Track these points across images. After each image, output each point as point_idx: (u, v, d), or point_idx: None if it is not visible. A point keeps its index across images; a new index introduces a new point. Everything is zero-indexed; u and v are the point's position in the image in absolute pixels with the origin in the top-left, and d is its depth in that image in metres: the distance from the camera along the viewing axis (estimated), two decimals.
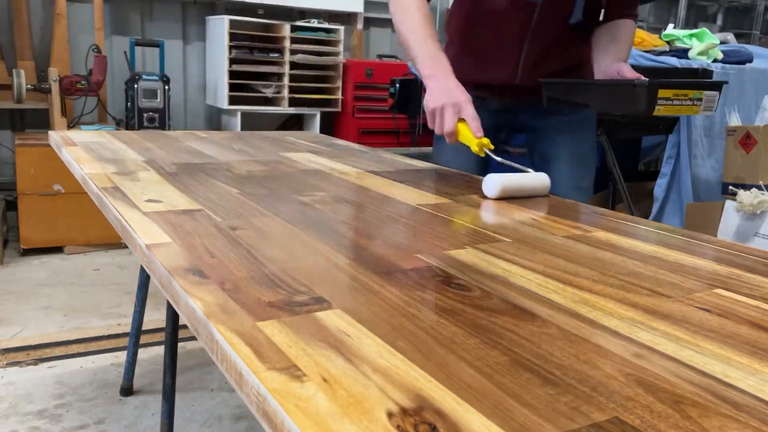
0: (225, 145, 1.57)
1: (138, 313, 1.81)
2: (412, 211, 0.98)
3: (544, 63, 1.49)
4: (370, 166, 1.37)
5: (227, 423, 1.75)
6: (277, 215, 0.91)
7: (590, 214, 1.04)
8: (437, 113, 1.27)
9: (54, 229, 3.03)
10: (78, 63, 3.53)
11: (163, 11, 3.85)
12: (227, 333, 0.52)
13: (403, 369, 0.48)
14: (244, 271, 0.67)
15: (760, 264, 0.80)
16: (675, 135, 2.42)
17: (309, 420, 0.40)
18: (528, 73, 1.49)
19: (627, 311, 0.62)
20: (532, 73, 1.48)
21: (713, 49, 2.51)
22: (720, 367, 0.51)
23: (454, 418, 0.41)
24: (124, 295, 2.58)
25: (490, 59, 1.53)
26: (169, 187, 1.06)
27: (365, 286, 0.65)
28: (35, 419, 1.72)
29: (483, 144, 1.23)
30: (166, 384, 1.38)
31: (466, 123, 1.25)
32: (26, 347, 2.10)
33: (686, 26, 5.29)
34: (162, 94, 3.41)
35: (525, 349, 0.53)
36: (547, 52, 1.49)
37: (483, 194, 1.14)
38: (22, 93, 3.12)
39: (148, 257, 0.72)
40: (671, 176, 2.44)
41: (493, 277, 0.70)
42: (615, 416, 0.43)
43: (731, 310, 0.63)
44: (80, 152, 1.34)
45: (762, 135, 2.23)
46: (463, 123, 1.25)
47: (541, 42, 1.47)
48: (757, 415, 0.44)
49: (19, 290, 2.60)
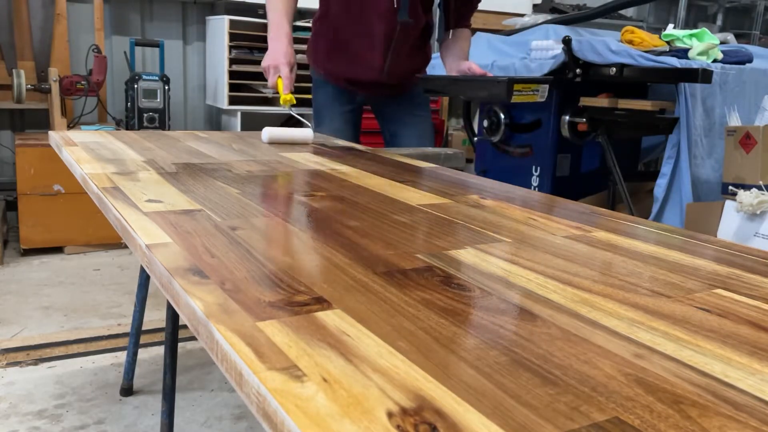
0: (225, 145, 1.57)
1: (138, 313, 1.81)
2: (412, 211, 0.98)
3: (401, 67, 1.96)
4: (370, 166, 1.37)
5: (227, 423, 1.75)
6: (277, 215, 0.91)
7: (590, 214, 1.04)
8: (265, 71, 1.76)
9: (54, 229, 3.03)
10: (78, 63, 3.53)
11: (163, 11, 3.85)
12: (227, 333, 0.52)
13: (403, 369, 0.48)
14: (244, 271, 0.67)
15: (760, 264, 0.80)
16: (675, 135, 2.41)
17: (309, 420, 0.40)
18: (390, 74, 1.96)
19: (627, 311, 0.62)
20: (392, 74, 1.96)
21: (713, 50, 2.51)
22: (720, 367, 0.51)
23: (454, 418, 0.41)
24: (124, 295, 2.58)
25: (359, 61, 1.95)
26: (169, 187, 1.06)
27: (365, 286, 0.65)
28: (35, 419, 1.72)
29: (286, 99, 1.67)
30: (166, 384, 1.38)
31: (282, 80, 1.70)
32: (26, 347, 2.10)
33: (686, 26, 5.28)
34: (162, 94, 3.41)
35: (525, 349, 0.52)
36: (404, 59, 1.95)
37: None
38: (22, 93, 3.12)
39: (148, 257, 0.72)
40: (671, 176, 2.44)
41: (493, 277, 0.70)
42: (615, 416, 0.43)
43: (731, 310, 0.63)
44: (80, 152, 1.34)
45: (762, 135, 2.23)
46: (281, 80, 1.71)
47: (399, 53, 1.93)
48: (757, 415, 0.44)
49: (19, 290, 2.60)
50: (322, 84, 2.07)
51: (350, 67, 1.97)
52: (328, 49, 1.99)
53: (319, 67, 2.05)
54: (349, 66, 1.97)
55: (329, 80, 2.04)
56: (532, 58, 2.87)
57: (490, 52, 3.11)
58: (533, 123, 2.99)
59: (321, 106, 2.08)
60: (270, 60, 1.73)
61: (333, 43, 1.97)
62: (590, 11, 3.45)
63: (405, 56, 1.95)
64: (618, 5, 3.30)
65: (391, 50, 1.92)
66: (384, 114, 2.11)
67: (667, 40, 2.62)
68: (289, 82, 1.69)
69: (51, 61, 3.44)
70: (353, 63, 1.96)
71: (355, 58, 1.95)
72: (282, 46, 1.73)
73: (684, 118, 2.39)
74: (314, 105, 2.11)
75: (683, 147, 2.40)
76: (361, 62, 1.95)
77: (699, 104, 2.43)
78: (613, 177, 2.62)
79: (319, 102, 2.09)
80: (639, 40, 2.59)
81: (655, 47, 2.56)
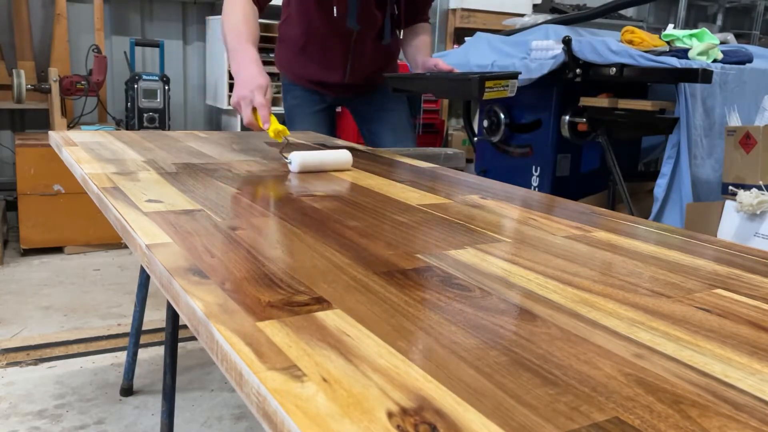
0: (225, 145, 1.57)
1: (138, 313, 1.81)
2: (412, 211, 0.98)
3: (364, 67, 1.95)
4: (370, 166, 1.37)
5: (227, 423, 1.75)
6: (277, 215, 0.91)
7: (590, 214, 1.04)
8: (238, 108, 1.41)
9: (54, 229, 3.03)
10: (78, 63, 3.53)
11: (163, 11, 3.85)
12: (227, 333, 0.52)
13: (403, 369, 0.48)
14: (244, 271, 0.67)
15: (760, 264, 0.80)
16: (675, 135, 2.42)
17: (309, 420, 0.40)
18: (353, 75, 1.96)
19: (627, 311, 0.62)
20: (355, 75, 1.96)
21: (713, 50, 2.51)
22: (720, 367, 0.51)
23: (454, 418, 0.41)
24: (124, 295, 2.58)
25: (323, 65, 1.95)
26: (169, 187, 1.06)
27: (365, 286, 0.65)
28: (35, 419, 1.72)
29: (278, 130, 1.34)
30: (166, 384, 1.38)
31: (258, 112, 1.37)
32: (26, 347, 2.10)
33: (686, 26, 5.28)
34: (162, 94, 3.41)
35: (525, 349, 0.52)
36: (365, 59, 1.94)
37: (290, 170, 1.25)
38: (22, 93, 3.12)
39: (148, 257, 0.72)
40: (671, 176, 2.44)
41: (493, 277, 0.70)
42: (615, 416, 0.43)
43: (731, 310, 0.63)
44: (80, 152, 1.34)
45: (762, 135, 2.23)
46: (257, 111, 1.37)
47: (360, 53, 1.92)
48: (757, 415, 0.44)
49: (19, 290, 2.60)
50: (290, 87, 2.06)
51: (315, 71, 1.97)
52: (293, 52, 1.98)
53: (286, 70, 2.05)
54: (315, 69, 1.97)
55: (297, 82, 2.03)
56: (532, 58, 2.87)
57: (490, 52, 3.11)
58: (533, 123, 2.99)
59: (291, 107, 2.07)
60: (241, 91, 1.40)
61: (297, 47, 1.97)
62: (590, 11, 3.45)
63: (367, 57, 1.95)
64: (618, 5, 3.30)
65: (351, 53, 1.92)
66: (359, 113, 2.12)
67: (667, 40, 2.62)
68: (267, 112, 1.36)
69: (51, 61, 3.44)
70: (318, 66, 1.96)
71: (319, 62, 1.95)
72: (251, 72, 1.43)
73: (684, 118, 2.39)
74: (285, 108, 2.09)
75: (683, 147, 2.40)
76: (324, 66, 1.96)
77: (699, 104, 2.43)
78: (613, 177, 2.62)
79: (289, 104, 2.07)
80: (639, 40, 2.59)
81: (655, 47, 2.56)
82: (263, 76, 1.43)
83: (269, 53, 3.28)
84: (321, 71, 1.97)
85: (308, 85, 2.02)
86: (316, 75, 1.99)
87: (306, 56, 1.96)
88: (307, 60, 1.97)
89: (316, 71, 1.98)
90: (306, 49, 1.95)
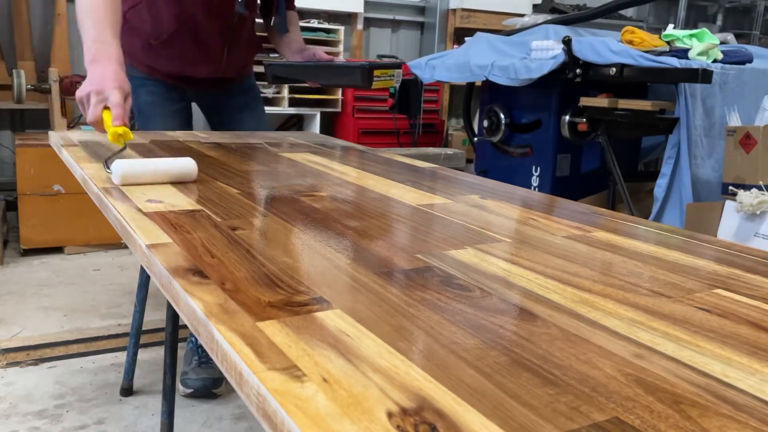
0: (225, 145, 1.57)
1: (138, 313, 1.81)
2: (412, 211, 0.98)
3: (239, 57, 1.88)
4: (370, 166, 1.37)
5: (227, 423, 1.75)
6: (277, 215, 0.91)
7: (590, 214, 1.04)
8: (84, 101, 1.26)
9: (54, 229, 3.03)
10: (78, 63, 3.52)
11: None
12: (227, 333, 0.52)
13: (403, 369, 0.48)
14: (244, 271, 0.67)
15: (760, 264, 0.80)
16: (675, 135, 2.42)
17: (309, 420, 0.40)
18: (228, 68, 1.87)
19: (627, 311, 0.62)
20: (230, 66, 1.87)
21: (713, 50, 2.51)
22: (720, 367, 0.51)
23: (454, 418, 0.41)
24: (124, 295, 2.58)
25: (191, 58, 1.80)
26: (169, 187, 1.06)
27: (365, 286, 0.65)
28: (35, 419, 1.72)
29: (118, 133, 1.19)
30: (166, 384, 1.38)
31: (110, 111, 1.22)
32: (26, 347, 2.10)
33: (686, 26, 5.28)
34: None
35: (525, 349, 0.52)
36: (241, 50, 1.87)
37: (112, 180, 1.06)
38: (22, 93, 3.12)
39: (148, 257, 0.72)
40: (671, 176, 2.44)
41: (493, 277, 0.70)
42: (615, 416, 0.43)
43: (731, 310, 0.63)
44: (80, 152, 1.34)
45: (762, 135, 2.23)
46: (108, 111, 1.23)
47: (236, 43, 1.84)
48: (757, 415, 0.44)
49: (19, 290, 2.60)
50: (143, 82, 1.82)
51: (180, 65, 1.80)
52: (147, 44, 1.77)
53: (139, 63, 1.81)
54: (179, 63, 1.80)
55: (153, 76, 1.83)
56: (532, 59, 2.87)
57: (490, 52, 3.11)
58: (533, 123, 2.99)
59: (146, 105, 1.85)
60: (91, 85, 1.25)
61: (155, 37, 1.75)
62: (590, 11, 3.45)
63: (242, 48, 1.87)
64: (618, 5, 3.30)
65: (227, 44, 1.81)
66: (214, 108, 1.99)
67: (667, 40, 2.62)
68: (123, 112, 1.23)
69: (51, 61, 3.44)
70: (184, 60, 1.79)
71: (186, 55, 1.79)
72: (110, 68, 1.28)
73: (684, 118, 2.39)
74: (137, 106, 1.85)
75: (683, 147, 2.40)
76: (194, 59, 1.80)
77: (699, 104, 2.43)
78: (613, 177, 2.62)
79: (142, 101, 1.84)
80: (639, 40, 2.59)
81: (655, 47, 2.56)
82: (126, 80, 1.29)
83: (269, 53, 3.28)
84: (189, 65, 1.81)
85: (166, 79, 1.84)
86: (182, 69, 1.81)
87: (167, 49, 1.77)
88: (168, 54, 1.78)
89: (183, 65, 1.80)
90: (172, 40, 1.75)
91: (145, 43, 1.77)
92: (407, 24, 4.75)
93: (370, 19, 4.55)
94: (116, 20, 1.39)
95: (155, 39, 1.76)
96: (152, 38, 1.76)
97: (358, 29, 4.40)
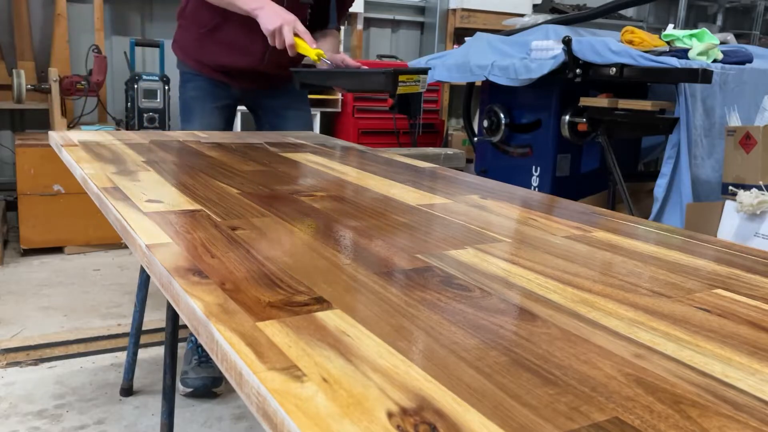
0: (225, 146, 1.57)
1: (138, 313, 1.81)
2: (412, 211, 0.98)
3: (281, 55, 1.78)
4: (370, 166, 1.37)
5: (227, 423, 1.75)
6: (277, 215, 0.91)
7: (590, 214, 1.04)
8: (276, 33, 1.59)
9: (54, 229, 3.03)
10: (78, 63, 3.52)
11: (163, 11, 3.85)
12: (227, 333, 0.52)
13: (403, 369, 0.48)
14: (244, 271, 0.67)
15: (760, 264, 0.80)
16: (675, 135, 2.41)
17: (309, 420, 0.40)
18: (270, 61, 1.87)
19: (627, 311, 0.62)
20: (272, 61, 1.87)
21: (713, 50, 2.51)
22: (720, 367, 0.51)
23: (454, 418, 0.41)
24: (124, 295, 2.58)
25: (237, 47, 1.85)
26: (169, 187, 1.06)
27: (365, 286, 0.65)
28: (35, 419, 1.72)
29: (319, 54, 1.60)
30: (166, 384, 1.38)
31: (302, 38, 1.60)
32: (26, 347, 2.10)
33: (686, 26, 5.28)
34: (162, 94, 3.41)
35: (525, 349, 0.52)
36: None
37: None
38: (22, 93, 3.12)
39: (148, 257, 0.72)
40: (671, 176, 2.44)
41: (493, 277, 0.70)
42: (615, 416, 0.43)
43: (731, 310, 0.63)
44: (80, 152, 1.34)
45: (762, 135, 2.23)
46: (299, 38, 1.60)
47: None
48: (757, 415, 0.44)
49: (19, 290, 2.60)
50: (192, 77, 1.94)
51: (226, 55, 1.87)
52: (198, 38, 1.88)
53: (189, 58, 1.94)
54: (225, 53, 1.87)
55: (201, 71, 1.92)
56: (532, 59, 2.87)
57: (490, 52, 3.11)
58: (533, 123, 2.99)
59: (191, 100, 1.94)
60: (279, 19, 1.58)
61: (204, 32, 1.86)
62: (590, 11, 3.45)
63: None
64: (618, 5, 3.30)
65: None
66: (262, 106, 2.05)
67: (667, 40, 2.62)
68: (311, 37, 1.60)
69: (51, 61, 3.44)
70: (230, 49, 1.86)
71: (232, 45, 1.85)
72: (278, 7, 1.61)
73: (684, 118, 2.39)
74: (182, 100, 1.97)
75: (683, 147, 2.40)
76: (239, 48, 1.85)
77: (699, 104, 2.43)
78: (613, 177, 2.62)
79: (188, 96, 1.94)
80: (639, 40, 2.59)
81: (655, 47, 2.56)
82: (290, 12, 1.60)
83: None
84: (234, 55, 1.87)
85: (213, 74, 1.92)
86: (227, 59, 1.88)
87: (217, 39, 1.86)
88: (217, 43, 1.86)
89: (228, 55, 1.87)
90: (218, 30, 1.84)
91: (196, 34, 1.89)
92: (407, 24, 4.75)
93: (370, 19, 4.55)
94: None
95: (205, 27, 1.86)
96: (203, 27, 1.86)
97: (358, 29, 4.40)
